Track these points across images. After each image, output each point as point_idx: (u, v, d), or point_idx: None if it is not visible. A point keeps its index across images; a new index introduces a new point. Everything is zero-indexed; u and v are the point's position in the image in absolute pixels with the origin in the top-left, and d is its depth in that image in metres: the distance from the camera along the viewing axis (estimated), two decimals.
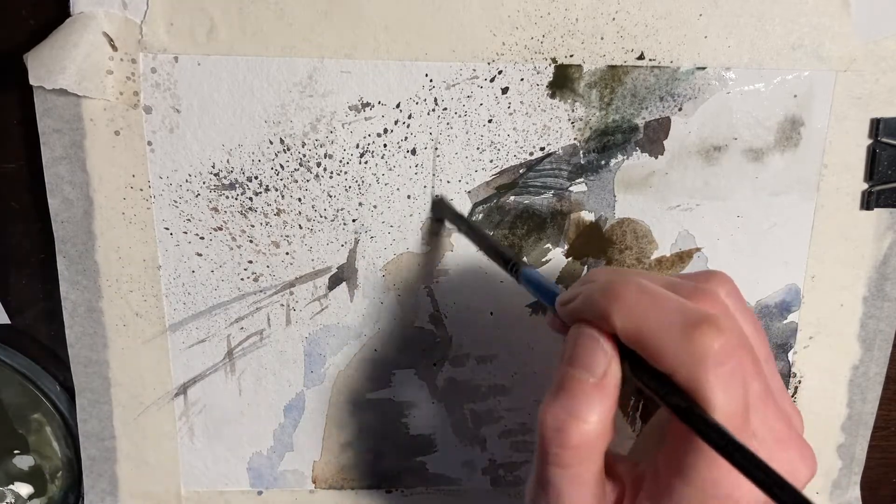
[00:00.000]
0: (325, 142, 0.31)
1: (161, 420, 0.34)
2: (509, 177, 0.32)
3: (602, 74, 0.31)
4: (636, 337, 0.20)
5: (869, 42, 0.31)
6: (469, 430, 0.36)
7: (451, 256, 0.33)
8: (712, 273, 0.23)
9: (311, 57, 0.30)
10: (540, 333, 0.34)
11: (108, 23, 0.29)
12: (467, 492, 0.37)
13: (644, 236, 0.33)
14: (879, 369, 0.35)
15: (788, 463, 0.21)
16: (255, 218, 0.32)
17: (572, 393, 0.21)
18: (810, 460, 0.21)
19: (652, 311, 0.20)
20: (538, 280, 0.26)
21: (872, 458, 0.37)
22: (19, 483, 0.36)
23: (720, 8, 0.30)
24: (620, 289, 0.21)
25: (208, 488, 0.36)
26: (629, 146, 0.32)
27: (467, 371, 0.35)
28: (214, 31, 0.29)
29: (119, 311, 0.33)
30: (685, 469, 0.20)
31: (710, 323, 0.19)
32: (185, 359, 0.34)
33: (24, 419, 0.35)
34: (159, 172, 0.31)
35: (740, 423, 0.19)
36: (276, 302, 0.33)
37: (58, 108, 0.30)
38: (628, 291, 0.21)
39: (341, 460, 0.36)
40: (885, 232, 0.33)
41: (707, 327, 0.19)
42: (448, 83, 0.30)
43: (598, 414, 0.20)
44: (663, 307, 0.20)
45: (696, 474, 0.20)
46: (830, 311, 0.34)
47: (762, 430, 0.20)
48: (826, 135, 0.32)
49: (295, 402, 0.35)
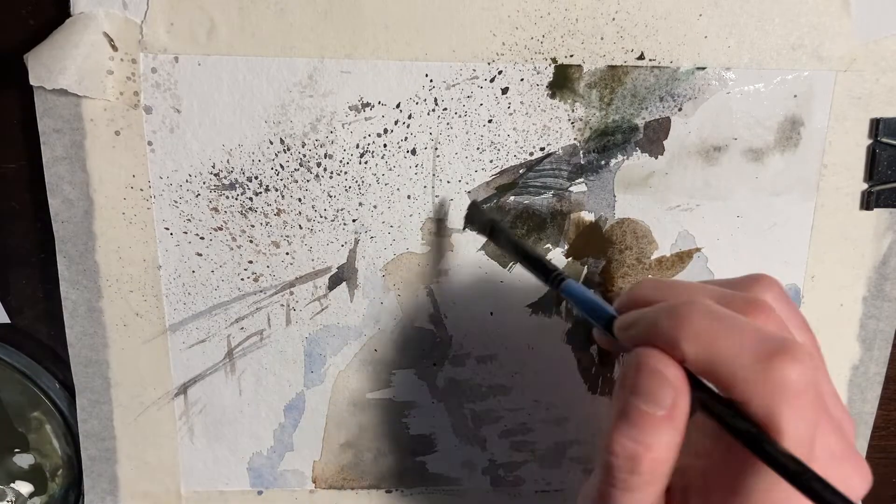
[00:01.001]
0: (325, 142, 0.31)
1: (161, 420, 0.34)
2: (509, 177, 0.32)
3: (602, 74, 0.31)
4: (707, 366, 0.19)
5: (869, 42, 0.31)
6: (469, 430, 0.36)
7: (451, 256, 0.33)
8: (757, 278, 0.23)
9: (311, 57, 0.30)
10: (540, 333, 0.34)
11: (109, 23, 0.29)
12: (467, 492, 0.37)
13: (644, 236, 0.33)
14: (879, 369, 0.35)
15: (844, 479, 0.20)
16: (255, 218, 0.32)
17: (640, 424, 0.20)
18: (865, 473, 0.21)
19: (724, 338, 0.19)
20: (585, 296, 0.24)
21: (872, 458, 0.37)
22: (20, 481, 0.36)
23: (720, 8, 0.30)
24: (689, 314, 0.20)
25: (208, 488, 0.36)
26: (629, 146, 0.32)
27: (467, 371, 0.35)
28: (214, 31, 0.29)
29: (119, 311, 0.33)
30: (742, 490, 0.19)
31: (787, 352, 0.18)
32: (185, 359, 0.34)
33: (24, 418, 0.35)
34: (159, 172, 0.31)
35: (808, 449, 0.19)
36: (276, 302, 0.33)
37: (58, 108, 0.30)
38: (698, 317, 0.20)
39: (341, 460, 0.36)
40: (885, 232, 0.33)
41: (785, 357, 0.18)
42: (448, 83, 0.30)
43: (666, 443, 0.20)
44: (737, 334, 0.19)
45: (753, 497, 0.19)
46: (830, 311, 0.34)
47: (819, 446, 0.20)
48: (826, 135, 0.32)
49: (295, 402, 0.35)
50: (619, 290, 0.34)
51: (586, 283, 0.34)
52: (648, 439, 0.20)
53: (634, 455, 0.20)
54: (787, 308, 0.22)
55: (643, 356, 0.21)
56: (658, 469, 0.20)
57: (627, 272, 0.34)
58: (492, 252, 0.33)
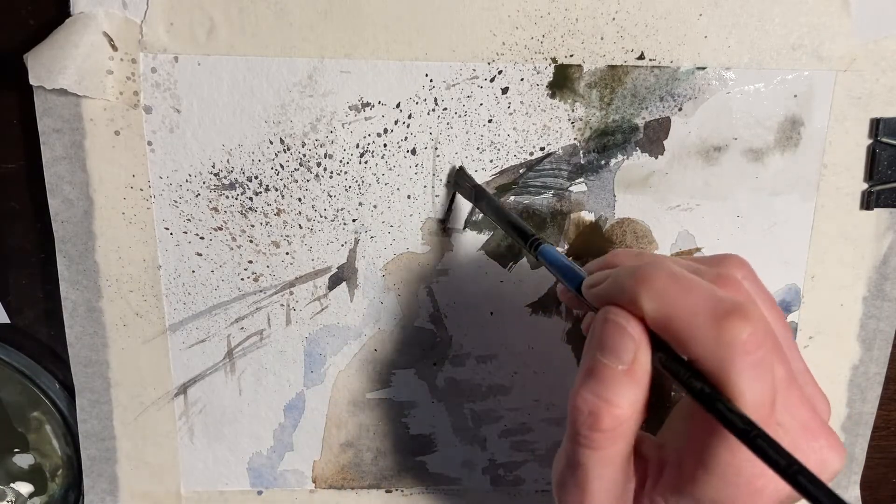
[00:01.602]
0: (325, 142, 0.31)
1: (161, 420, 0.34)
2: (509, 177, 0.32)
3: (602, 74, 0.31)
4: (665, 323, 0.20)
5: (869, 42, 0.31)
6: (469, 429, 0.36)
7: (451, 256, 0.33)
8: (727, 256, 0.23)
9: (311, 57, 0.30)
10: (540, 333, 0.34)
11: (108, 23, 0.29)
12: (467, 492, 0.37)
13: (644, 236, 0.33)
14: (879, 369, 0.35)
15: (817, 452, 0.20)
16: (255, 218, 0.32)
17: (602, 378, 0.21)
18: (839, 449, 0.21)
19: (682, 297, 0.20)
20: (559, 260, 0.25)
21: (872, 458, 0.37)
22: (20, 481, 0.36)
23: (720, 8, 0.30)
24: (651, 273, 0.21)
25: (208, 488, 0.36)
26: (629, 146, 0.32)
27: (467, 371, 0.35)
28: (214, 31, 0.29)
29: (119, 311, 0.33)
30: (707, 457, 0.20)
31: (739, 312, 0.19)
32: (185, 359, 0.34)
33: (24, 418, 0.35)
34: (159, 172, 0.31)
35: (767, 412, 0.19)
36: (276, 302, 0.33)
37: (58, 108, 0.30)
38: (659, 276, 0.20)
39: (341, 460, 0.36)
40: (885, 232, 0.33)
41: (737, 316, 0.19)
42: (448, 83, 0.30)
43: (628, 399, 0.20)
44: (694, 294, 0.20)
45: (718, 462, 0.19)
46: (830, 311, 0.34)
47: (786, 417, 0.20)
48: (826, 135, 0.32)
49: (295, 401, 0.35)
50: None
51: None
52: (610, 394, 0.20)
53: (596, 410, 0.20)
54: (755, 286, 0.23)
55: (607, 312, 0.21)
56: (619, 427, 0.21)
57: None
58: (492, 252, 0.33)
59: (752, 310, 0.19)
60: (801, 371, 0.23)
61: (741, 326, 0.19)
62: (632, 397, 0.21)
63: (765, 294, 0.23)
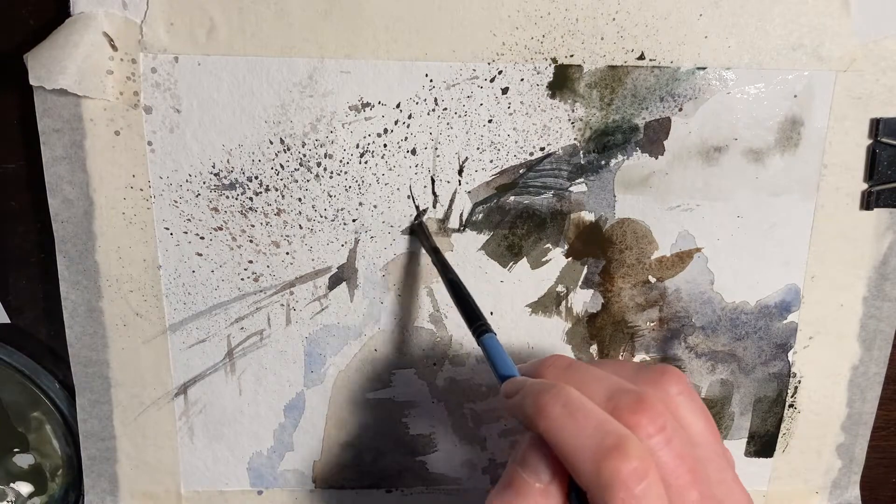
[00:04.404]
0: (325, 142, 0.31)
1: (161, 420, 0.34)
2: (509, 177, 0.32)
3: (602, 74, 0.31)
4: (559, 455, 0.21)
5: (869, 42, 0.31)
6: (469, 429, 0.36)
7: (451, 256, 0.33)
8: (665, 373, 0.24)
9: (311, 57, 0.30)
10: (540, 333, 0.34)
11: (108, 23, 0.29)
12: (467, 492, 0.37)
13: (644, 236, 0.33)
14: (879, 369, 0.35)
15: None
16: (255, 218, 0.32)
17: (518, 492, 0.21)
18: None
19: (570, 430, 0.21)
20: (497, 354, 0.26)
21: (872, 458, 0.37)
22: (20, 481, 0.36)
23: (720, 8, 0.30)
24: (546, 403, 0.21)
25: (208, 488, 0.36)
26: (629, 146, 0.32)
27: (467, 371, 0.35)
28: (214, 31, 0.29)
29: (119, 311, 0.33)
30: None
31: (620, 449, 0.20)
32: (185, 359, 0.34)
33: (24, 418, 0.35)
34: (159, 172, 0.31)
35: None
36: (276, 302, 0.33)
37: (58, 108, 0.30)
38: (553, 407, 0.21)
39: (341, 460, 0.36)
40: (885, 232, 0.33)
41: (617, 453, 0.20)
42: (448, 83, 0.30)
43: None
44: (581, 428, 0.21)
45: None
46: (830, 311, 0.34)
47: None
48: (826, 135, 0.32)
49: (295, 402, 0.35)
50: (619, 290, 0.34)
51: (586, 284, 0.34)
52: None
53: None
54: (690, 402, 0.24)
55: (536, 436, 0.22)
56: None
57: (627, 272, 0.34)
58: (492, 252, 0.33)
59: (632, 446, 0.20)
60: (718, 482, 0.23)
61: (620, 463, 0.19)
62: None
63: (699, 409, 0.24)
